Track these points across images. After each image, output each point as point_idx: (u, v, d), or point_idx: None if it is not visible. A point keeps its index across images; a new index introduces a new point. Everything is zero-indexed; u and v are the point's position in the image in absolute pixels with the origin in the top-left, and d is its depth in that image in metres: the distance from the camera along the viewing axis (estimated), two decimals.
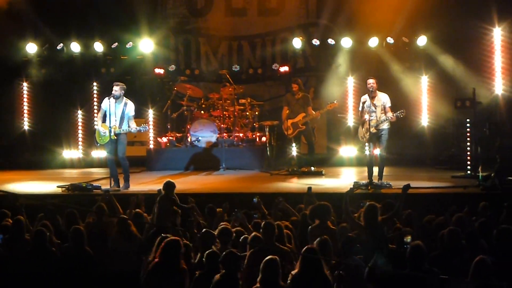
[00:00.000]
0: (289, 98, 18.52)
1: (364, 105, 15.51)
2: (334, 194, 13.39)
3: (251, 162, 19.72)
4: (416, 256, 8.46)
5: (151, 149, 20.95)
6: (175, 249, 8.63)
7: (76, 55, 21.75)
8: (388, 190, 14.77)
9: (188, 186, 16.18)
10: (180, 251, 8.66)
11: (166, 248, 8.61)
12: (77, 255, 9.84)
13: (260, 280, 8.15)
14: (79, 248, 9.92)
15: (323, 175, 18.18)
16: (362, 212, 10.13)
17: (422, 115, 21.10)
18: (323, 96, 21.20)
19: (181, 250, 8.68)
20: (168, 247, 8.62)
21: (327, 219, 10.40)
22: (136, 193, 13.68)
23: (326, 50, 21.27)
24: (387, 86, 17.65)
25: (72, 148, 22.40)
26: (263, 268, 8.15)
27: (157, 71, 22.02)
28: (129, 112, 15.53)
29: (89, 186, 15.64)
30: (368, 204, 10.14)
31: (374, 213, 9.97)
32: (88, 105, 22.46)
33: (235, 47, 22.77)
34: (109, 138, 15.47)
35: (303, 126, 18.28)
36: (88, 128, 22.33)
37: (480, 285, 7.91)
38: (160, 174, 18.67)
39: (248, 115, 20.61)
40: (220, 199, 13.34)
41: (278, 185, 16.62)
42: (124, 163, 15.78)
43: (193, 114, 20.35)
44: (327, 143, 21.72)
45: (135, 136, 21.09)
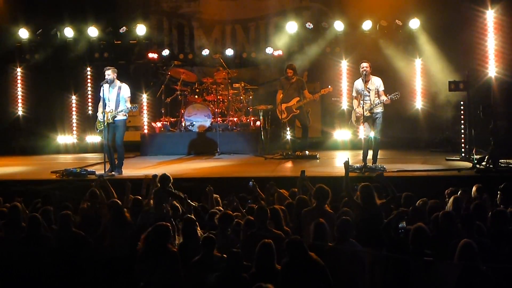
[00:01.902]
0: (283, 82, 18.42)
1: (358, 89, 15.48)
2: (329, 178, 13.36)
3: (245, 147, 19.71)
4: (419, 238, 8.44)
5: (145, 134, 20.89)
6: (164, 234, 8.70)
7: (70, 40, 21.61)
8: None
9: (182, 171, 16.16)
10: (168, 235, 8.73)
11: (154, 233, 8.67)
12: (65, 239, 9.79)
13: (256, 264, 8.12)
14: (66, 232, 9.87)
15: (317, 159, 18.17)
16: (359, 194, 10.10)
17: (416, 98, 21.06)
18: (317, 79, 21.19)
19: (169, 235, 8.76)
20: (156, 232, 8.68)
21: (325, 203, 10.35)
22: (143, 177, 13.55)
23: (320, 33, 21.15)
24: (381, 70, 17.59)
25: (66, 133, 22.33)
26: (258, 252, 8.12)
27: (150, 55, 21.97)
28: (124, 94, 15.47)
29: (83, 172, 15.60)
30: (363, 185, 10.12)
31: (370, 193, 9.98)
32: (82, 90, 22.37)
33: (229, 31, 22.67)
34: (106, 123, 15.39)
35: (297, 110, 18.21)
36: (82, 113, 22.27)
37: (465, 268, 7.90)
38: (154, 159, 18.66)
39: (242, 99, 20.57)
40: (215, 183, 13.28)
41: (272, 169, 16.59)
42: (120, 150, 15.74)
43: (187, 99, 20.31)
44: (322, 127, 21.67)
45: (129, 121, 20.99)
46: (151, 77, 22.26)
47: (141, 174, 14.37)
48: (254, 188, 11.95)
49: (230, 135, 19.90)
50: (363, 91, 15.31)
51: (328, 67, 21.52)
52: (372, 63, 15.65)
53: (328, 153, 19.58)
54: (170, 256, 8.61)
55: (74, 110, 22.42)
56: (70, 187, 14.32)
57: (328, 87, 18.42)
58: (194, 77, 21.18)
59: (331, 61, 21.50)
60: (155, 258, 8.58)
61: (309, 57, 21.14)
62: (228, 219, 9.77)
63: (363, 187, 10.09)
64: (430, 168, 15.74)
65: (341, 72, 21.50)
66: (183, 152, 19.62)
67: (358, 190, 10.25)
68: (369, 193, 9.98)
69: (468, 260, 7.90)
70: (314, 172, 14.96)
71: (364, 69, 15.36)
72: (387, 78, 18.44)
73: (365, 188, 10.05)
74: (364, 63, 15.47)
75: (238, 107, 20.72)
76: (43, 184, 14.50)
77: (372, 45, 20.40)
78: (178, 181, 13.23)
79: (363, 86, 15.32)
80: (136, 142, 20.31)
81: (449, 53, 19.96)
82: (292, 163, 17.59)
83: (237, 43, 22.61)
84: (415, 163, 16.72)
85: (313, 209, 10.20)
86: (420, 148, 19.97)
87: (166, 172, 11.44)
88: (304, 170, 11.83)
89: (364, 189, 10.05)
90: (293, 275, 7.94)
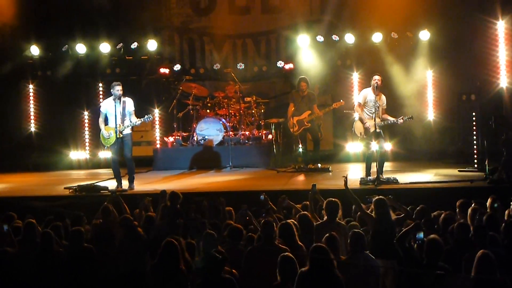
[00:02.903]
0: (294, 95, 18.42)
1: (366, 99, 15.49)
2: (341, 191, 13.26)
3: (257, 160, 19.64)
4: (433, 251, 8.40)
5: (157, 149, 20.89)
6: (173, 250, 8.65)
7: (82, 56, 21.68)
8: (395, 186, 14.70)
9: (194, 185, 16.18)
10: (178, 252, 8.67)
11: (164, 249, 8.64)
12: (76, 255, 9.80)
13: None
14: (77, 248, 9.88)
15: (330, 171, 18.11)
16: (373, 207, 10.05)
17: (428, 110, 20.99)
18: (328, 92, 21.17)
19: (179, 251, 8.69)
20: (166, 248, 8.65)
21: (335, 216, 10.31)
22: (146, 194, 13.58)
23: (330, 46, 21.14)
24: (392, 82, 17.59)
25: (79, 149, 22.33)
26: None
27: (162, 70, 21.94)
28: (129, 108, 15.58)
29: (96, 187, 15.63)
30: (376, 199, 10.06)
31: (384, 207, 9.91)
32: (94, 106, 22.37)
33: (240, 45, 22.67)
34: (115, 138, 15.47)
35: (309, 123, 18.21)
36: (94, 128, 22.25)
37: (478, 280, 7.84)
38: (166, 174, 18.67)
39: (253, 113, 20.53)
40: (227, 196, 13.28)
41: (285, 182, 16.57)
42: (130, 164, 15.80)
43: (199, 113, 20.30)
44: (334, 139, 21.59)
45: (142, 136, 21.14)
46: (163, 92, 22.25)
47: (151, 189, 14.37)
48: (265, 201, 11.91)
49: (242, 148, 19.85)
50: (375, 103, 15.31)
51: (340, 79, 21.49)
52: (383, 75, 15.65)
53: (340, 165, 19.51)
54: (180, 275, 8.56)
55: (87, 126, 22.43)
56: (83, 203, 14.32)
57: (340, 101, 18.47)
58: (206, 91, 21.17)
59: (342, 74, 21.47)
60: (165, 275, 8.55)
61: (320, 70, 21.11)
62: (238, 233, 9.71)
63: (377, 200, 10.03)
64: (443, 179, 15.68)
65: (353, 84, 21.46)
66: (195, 167, 19.58)
67: (372, 203, 10.21)
68: (383, 206, 9.92)
69: (486, 272, 7.82)
70: (326, 185, 14.93)
71: (376, 81, 15.39)
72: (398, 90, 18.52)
73: (379, 202, 10.00)
74: (377, 75, 15.52)
75: (249, 121, 20.69)
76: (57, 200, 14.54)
77: (383, 57, 20.36)
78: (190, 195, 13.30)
79: (374, 98, 15.33)
80: (148, 157, 20.31)
81: (460, 64, 19.93)
82: (304, 176, 17.55)
83: (248, 57, 22.60)
84: (428, 175, 16.65)
85: (325, 223, 10.17)
86: (433, 160, 19.85)
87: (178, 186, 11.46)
88: (315, 184, 11.80)
89: (379, 202, 10.00)
90: (311, 285, 7.89)
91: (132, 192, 15.16)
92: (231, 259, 8.84)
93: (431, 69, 20.85)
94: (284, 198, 11.75)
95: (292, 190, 14.58)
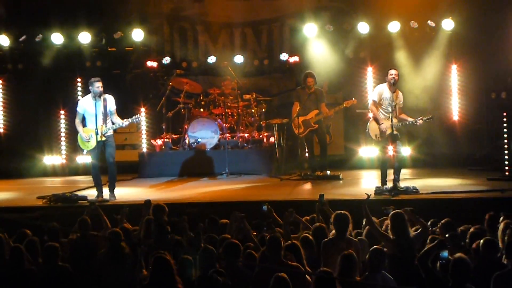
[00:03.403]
0: (300, 92, 18.40)
1: (382, 96, 15.45)
2: (353, 202, 13.27)
3: (258, 166, 19.65)
4: (460, 271, 8.36)
5: (144, 153, 20.86)
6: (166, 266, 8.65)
7: (58, 47, 21.59)
8: (414, 196, 14.67)
9: (186, 195, 16.14)
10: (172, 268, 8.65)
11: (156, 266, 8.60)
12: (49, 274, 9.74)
13: None
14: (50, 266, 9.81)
15: (340, 179, 18.07)
16: (389, 223, 10.00)
17: (452, 109, 20.96)
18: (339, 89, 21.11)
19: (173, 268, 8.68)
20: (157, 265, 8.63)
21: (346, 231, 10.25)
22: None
23: (341, 36, 21.11)
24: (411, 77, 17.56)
25: (54, 153, 22.26)
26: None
27: (149, 64, 21.95)
28: (110, 107, 15.52)
29: (73, 197, 15.58)
30: (393, 214, 10.00)
31: (402, 223, 9.84)
32: (71, 104, 22.25)
33: (238, 35, 22.63)
34: (96, 141, 15.42)
35: (316, 124, 18.17)
36: (72, 130, 22.14)
37: None
38: (154, 182, 18.66)
39: (253, 112, 20.51)
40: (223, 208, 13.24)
41: (289, 191, 16.55)
42: (114, 169, 15.73)
43: (191, 113, 20.28)
44: (345, 143, 21.55)
45: (126, 139, 21.08)
46: (150, 89, 22.25)
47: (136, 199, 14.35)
48: (269, 213, 11.85)
49: (241, 153, 19.87)
50: (392, 101, 15.28)
51: (352, 75, 21.42)
52: (400, 69, 15.63)
53: (352, 172, 19.50)
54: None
55: (63, 127, 22.33)
56: (58, 214, 14.28)
57: (352, 99, 18.43)
58: (199, 87, 21.15)
59: (354, 68, 21.42)
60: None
61: (329, 64, 21.08)
62: (235, 249, 9.66)
63: (394, 215, 9.96)
64: (470, 189, 15.65)
65: (366, 80, 21.42)
66: (186, 173, 19.57)
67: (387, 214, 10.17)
68: (401, 222, 9.86)
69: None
70: (336, 195, 14.94)
71: (393, 76, 15.35)
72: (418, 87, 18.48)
73: (396, 217, 9.93)
74: (393, 70, 15.49)
75: (249, 121, 20.67)
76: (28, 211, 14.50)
77: (401, 50, 20.34)
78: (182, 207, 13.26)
79: (391, 95, 15.30)
80: (133, 163, 20.28)
81: (489, 58, 19.92)
82: (311, 185, 17.52)
83: (248, 48, 22.56)
84: (452, 183, 16.64)
85: (334, 239, 10.11)
86: (458, 166, 19.82)
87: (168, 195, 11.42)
88: (323, 194, 11.76)
89: (396, 217, 9.93)
90: None
91: (114, 203, 15.12)
92: (228, 278, 8.87)
93: (455, 63, 20.84)
94: (291, 212, 11.65)
95: (297, 201, 14.59)
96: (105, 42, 21.74)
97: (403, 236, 9.75)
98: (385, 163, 15.61)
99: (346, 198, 14.39)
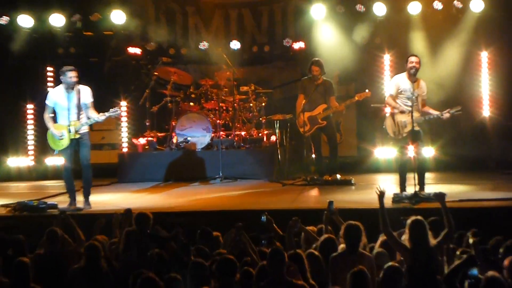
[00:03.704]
0: (305, 84, 18.34)
1: (400, 88, 15.38)
2: (367, 211, 13.19)
3: (256, 169, 19.69)
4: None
5: (124, 154, 20.91)
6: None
7: (26, 31, 21.54)
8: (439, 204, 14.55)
9: (173, 203, 16.12)
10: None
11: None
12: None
13: None
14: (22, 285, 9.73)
15: (352, 185, 18.06)
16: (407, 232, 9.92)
17: (483, 103, 20.92)
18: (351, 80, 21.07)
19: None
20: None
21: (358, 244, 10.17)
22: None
23: (354, 19, 21.06)
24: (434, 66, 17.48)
25: (20, 154, 22.27)
26: None
27: (131, 50, 22.00)
28: (85, 100, 15.39)
29: (42, 205, 15.48)
30: (413, 220, 9.90)
31: (422, 232, 9.75)
32: (41, 98, 22.18)
33: (234, 17, 22.61)
34: (69, 140, 15.31)
35: (324, 121, 18.09)
36: (41, 127, 22.07)
37: None
38: (136, 187, 18.71)
39: (252, 107, 20.51)
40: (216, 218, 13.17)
41: (293, 199, 16.49)
42: (89, 173, 15.64)
43: (179, 107, 20.32)
44: (358, 142, 21.55)
45: (103, 138, 21.04)
46: (132, 79, 22.33)
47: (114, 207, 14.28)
48: (268, 224, 11.78)
49: (237, 154, 19.91)
50: (412, 93, 15.18)
51: (366, 63, 21.42)
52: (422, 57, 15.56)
53: (366, 177, 19.51)
54: None
55: (31, 124, 22.32)
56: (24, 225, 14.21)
57: (366, 91, 18.28)
58: (189, 78, 21.20)
59: (369, 56, 21.41)
60: None
61: (340, 51, 21.04)
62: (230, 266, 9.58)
63: (413, 223, 9.87)
64: (503, 196, 15.56)
65: (383, 69, 21.41)
66: (174, 178, 19.64)
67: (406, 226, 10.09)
68: (422, 231, 9.77)
69: None
70: (348, 203, 14.88)
71: (413, 64, 15.30)
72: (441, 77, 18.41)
73: (415, 225, 9.84)
74: (413, 57, 15.42)
75: (246, 118, 20.69)
76: None
77: (422, 34, 20.29)
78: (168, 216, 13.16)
79: (411, 86, 15.21)
80: (111, 165, 20.36)
81: None
82: (318, 191, 17.51)
83: (246, 33, 22.55)
84: (482, 190, 16.57)
85: (344, 253, 10.03)
86: (489, 169, 19.82)
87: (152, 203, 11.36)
88: (332, 201, 11.70)
89: (415, 225, 9.84)
90: None
91: (89, 212, 15.05)
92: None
93: (485, 50, 20.80)
94: (296, 221, 11.57)
95: (302, 210, 14.54)
96: (80, 25, 21.69)
97: (422, 246, 9.65)
98: (404, 166, 15.52)
99: (359, 207, 14.32)
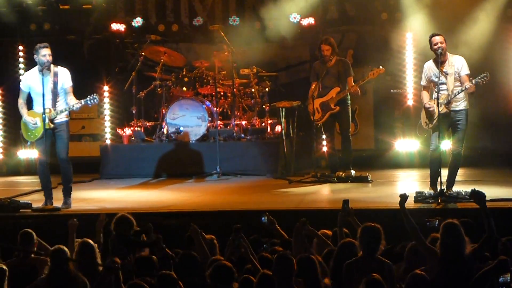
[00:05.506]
0: (317, 68, 18.16)
1: (429, 76, 15.34)
2: (386, 212, 13.29)
3: (259, 164, 19.77)
4: None
5: (107, 146, 20.94)
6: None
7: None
8: (467, 204, 14.65)
9: (163, 202, 16.14)
10: None
11: None
12: None
13: None
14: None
15: (369, 182, 18.10)
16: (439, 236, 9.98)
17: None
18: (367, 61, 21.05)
19: None
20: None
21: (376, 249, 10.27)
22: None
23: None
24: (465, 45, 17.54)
25: None
26: None
27: (114, 27, 21.94)
28: (63, 83, 15.34)
29: (13, 204, 15.54)
30: (446, 224, 9.97)
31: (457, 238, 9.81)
32: (10, 81, 22.31)
33: None
34: (43, 129, 15.33)
35: (337, 106, 18.00)
36: (12, 115, 22.20)
37: None
38: (121, 184, 18.77)
39: (254, 92, 20.53)
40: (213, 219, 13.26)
41: (300, 198, 16.58)
42: (66, 167, 15.63)
43: (170, 93, 20.33)
44: (375, 134, 21.57)
45: (83, 127, 21.09)
46: (115, 60, 22.33)
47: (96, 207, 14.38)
48: (270, 225, 11.87)
49: (237, 146, 20.01)
50: (438, 77, 15.14)
51: (384, 42, 21.40)
52: (450, 35, 15.56)
53: (384, 173, 19.58)
54: None
55: (0, 112, 22.42)
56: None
57: (379, 67, 18.11)
58: (182, 59, 21.22)
59: (388, 33, 21.38)
60: None
61: (355, 28, 21.09)
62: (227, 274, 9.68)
63: (446, 227, 9.94)
64: None
65: (405, 49, 21.38)
66: (164, 173, 19.75)
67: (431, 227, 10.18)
68: (455, 235, 9.84)
69: None
70: (363, 203, 14.90)
71: (438, 45, 15.19)
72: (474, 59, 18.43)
73: (449, 228, 9.92)
74: (436, 36, 15.26)
75: (248, 105, 20.71)
76: None
77: (451, 8, 20.29)
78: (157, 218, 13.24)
79: (438, 70, 15.18)
80: (93, 159, 20.44)
81: None
82: (330, 189, 17.56)
83: (246, 7, 22.54)
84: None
85: (360, 260, 10.13)
86: None
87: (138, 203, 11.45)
88: (348, 200, 11.77)
89: (449, 228, 9.92)
90: None
91: (68, 211, 15.09)
92: None
93: None
94: (303, 223, 11.66)
95: (312, 210, 14.60)
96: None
97: (455, 254, 9.72)
98: (435, 161, 15.47)
99: (377, 207, 14.35)
